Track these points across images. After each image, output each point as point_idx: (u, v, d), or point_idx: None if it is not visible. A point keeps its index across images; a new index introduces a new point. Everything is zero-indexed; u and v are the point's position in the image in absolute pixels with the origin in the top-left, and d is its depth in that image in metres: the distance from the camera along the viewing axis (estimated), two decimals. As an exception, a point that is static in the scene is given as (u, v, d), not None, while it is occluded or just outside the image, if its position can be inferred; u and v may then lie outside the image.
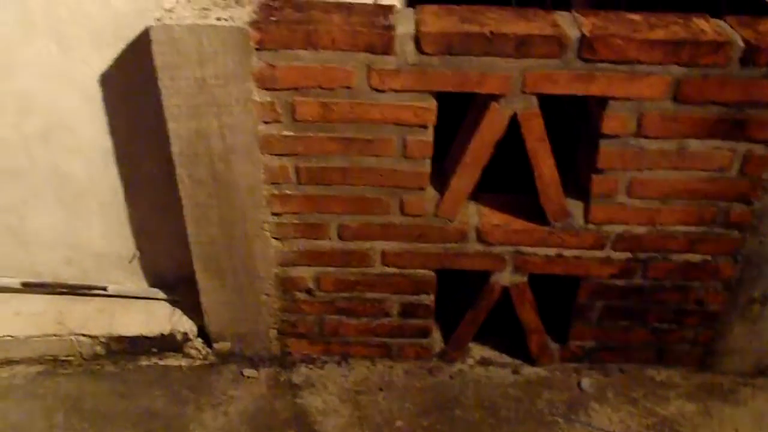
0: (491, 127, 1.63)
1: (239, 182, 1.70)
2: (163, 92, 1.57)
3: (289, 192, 1.72)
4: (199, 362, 2.01)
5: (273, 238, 1.79)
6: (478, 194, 1.81)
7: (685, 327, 1.93)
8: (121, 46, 1.66)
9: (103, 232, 1.95)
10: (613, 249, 1.79)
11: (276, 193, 1.72)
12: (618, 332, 1.95)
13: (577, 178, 1.77)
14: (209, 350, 2.01)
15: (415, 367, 2.01)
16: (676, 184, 1.68)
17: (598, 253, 1.79)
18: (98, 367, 2.00)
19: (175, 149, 1.65)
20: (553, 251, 1.80)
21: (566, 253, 1.80)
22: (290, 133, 1.63)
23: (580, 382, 1.97)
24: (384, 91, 1.57)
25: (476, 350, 2.04)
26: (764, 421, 1.88)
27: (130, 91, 1.72)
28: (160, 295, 2.03)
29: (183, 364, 2.01)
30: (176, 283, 2.04)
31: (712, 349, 1.97)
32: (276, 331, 1.97)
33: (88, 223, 1.93)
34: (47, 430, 1.83)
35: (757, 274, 1.81)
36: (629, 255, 1.79)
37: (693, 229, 1.75)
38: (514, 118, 1.62)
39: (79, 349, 2.00)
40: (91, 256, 2.00)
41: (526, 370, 2.01)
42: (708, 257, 1.79)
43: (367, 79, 1.55)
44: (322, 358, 2.01)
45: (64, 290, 2.03)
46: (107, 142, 1.80)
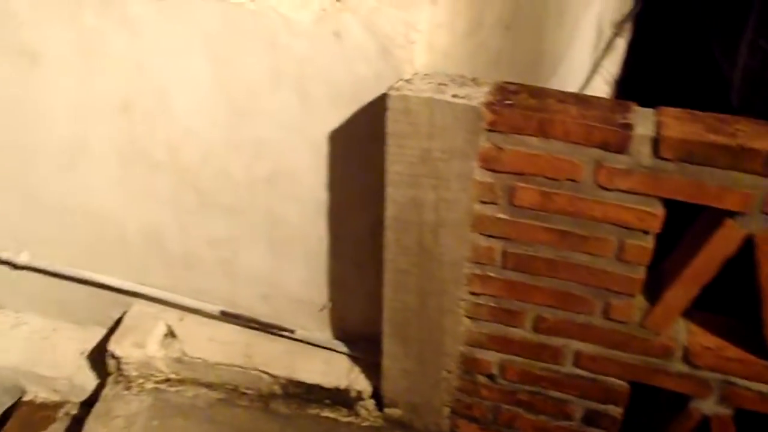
0: (721, 245, 1.51)
1: (444, 256, 1.69)
2: (389, 158, 1.61)
3: (491, 274, 1.69)
4: (367, 423, 2.00)
5: (465, 316, 1.77)
6: (690, 310, 1.68)
7: None
8: (355, 108, 1.73)
9: (302, 278, 2.03)
10: None
11: (478, 272, 1.70)
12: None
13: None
14: (379, 413, 2.00)
15: (587, 479, 1.87)
16: None
17: (825, 403, 1.59)
18: (273, 406, 2.05)
19: (389, 213, 1.68)
20: (770, 389, 1.62)
21: (786, 394, 1.61)
22: (505, 217, 1.61)
23: None
24: (610, 190, 1.51)
25: (658, 476, 1.88)
26: None
27: (354, 151, 1.79)
28: (342, 348, 2.06)
29: (352, 421, 2.01)
30: (358, 340, 2.06)
31: None
32: (449, 410, 1.93)
33: (291, 267, 2.02)
34: (218, 458, 1.91)
35: None
36: None
37: None
38: (748, 238, 1.49)
39: (259, 384, 2.07)
40: (286, 299, 2.08)
41: None
42: None
43: (595, 175, 1.50)
44: (490, 447, 1.94)
45: (256, 326, 2.12)
46: (323, 195, 1.87)
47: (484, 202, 1.61)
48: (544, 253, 1.62)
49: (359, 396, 2.00)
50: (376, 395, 2.00)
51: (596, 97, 1.60)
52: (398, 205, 1.67)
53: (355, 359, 2.06)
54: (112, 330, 2.29)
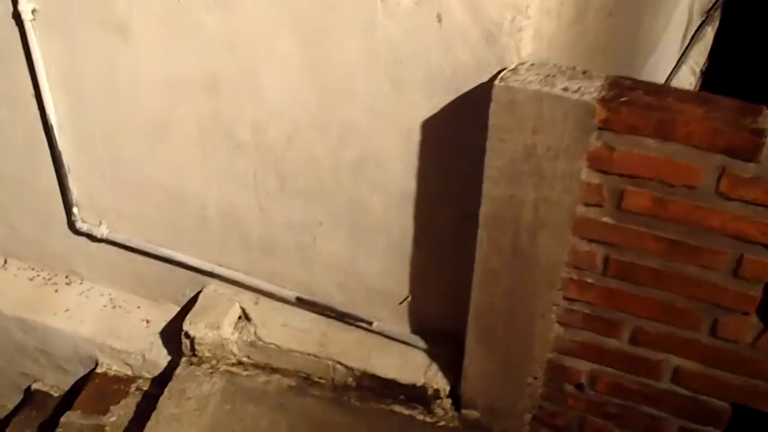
0: None
1: (540, 258, 1.59)
2: (489, 152, 1.52)
3: (589, 280, 1.59)
4: (442, 423, 1.93)
5: (557, 322, 1.67)
6: (806, 332, 1.54)
7: None
8: (451, 96, 1.63)
9: (383, 269, 1.96)
10: None
11: (575, 278, 1.60)
12: None
13: None
14: (456, 414, 1.93)
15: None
16: None
17: None
18: (345, 398, 2.00)
19: (484, 210, 1.58)
20: None
21: None
22: (610, 221, 1.50)
23: None
24: (732, 200, 1.38)
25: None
26: None
27: (446, 141, 1.70)
28: (420, 343, 1.99)
29: (427, 420, 1.95)
30: (436, 336, 1.99)
31: None
32: (531, 416, 1.84)
33: (371, 257, 1.95)
34: (290, 449, 1.87)
35: None
36: None
37: None
38: None
39: (332, 375, 2.02)
40: (365, 289, 2.02)
41: None
42: None
43: (717, 182, 1.37)
44: (572, 458, 1.85)
45: (332, 314, 2.07)
46: (410, 185, 1.79)
47: (588, 205, 1.50)
48: (650, 262, 1.51)
49: (436, 394, 1.93)
50: (454, 395, 1.92)
51: (720, 97, 1.45)
52: (495, 203, 1.57)
53: (432, 356, 1.98)
54: (185, 308, 2.27)
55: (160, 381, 2.25)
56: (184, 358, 2.11)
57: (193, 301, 2.22)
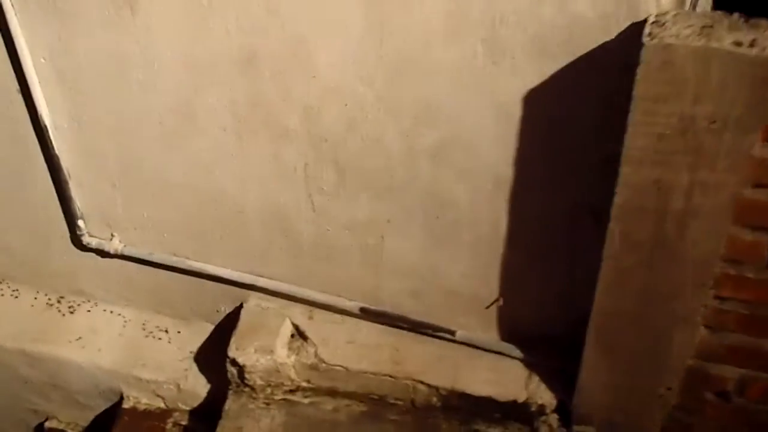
0: None
1: (688, 252, 1.30)
2: (631, 129, 1.21)
3: (749, 275, 1.31)
4: (548, 442, 1.67)
5: (703, 325, 1.39)
6: None
7: None
8: (565, 60, 1.32)
9: (467, 268, 1.65)
10: None
11: (731, 273, 1.31)
12: None
13: None
14: (564, 430, 1.66)
15: None
16: None
17: None
18: (430, 420, 1.72)
19: (619, 200, 1.28)
20: None
21: None
22: (786, 204, 1.21)
23: None
24: None
25: None
26: None
27: (557, 119, 1.39)
28: (515, 352, 1.70)
29: (529, 439, 1.68)
30: (532, 343, 1.70)
31: None
32: (659, 430, 1.58)
33: (453, 255, 1.64)
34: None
35: None
36: None
37: None
38: None
39: (412, 395, 1.72)
40: (443, 293, 1.71)
41: None
42: None
43: None
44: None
45: (405, 325, 1.76)
46: (506, 172, 1.48)
47: (759, 186, 1.21)
48: (831, 252, 1.24)
49: (541, 410, 1.65)
50: (561, 409, 1.65)
51: None
52: (633, 190, 1.27)
53: (530, 365, 1.70)
54: (221, 327, 1.95)
55: (201, 414, 1.95)
56: (231, 389, 1.80)
57: (232, 318, 1.89)
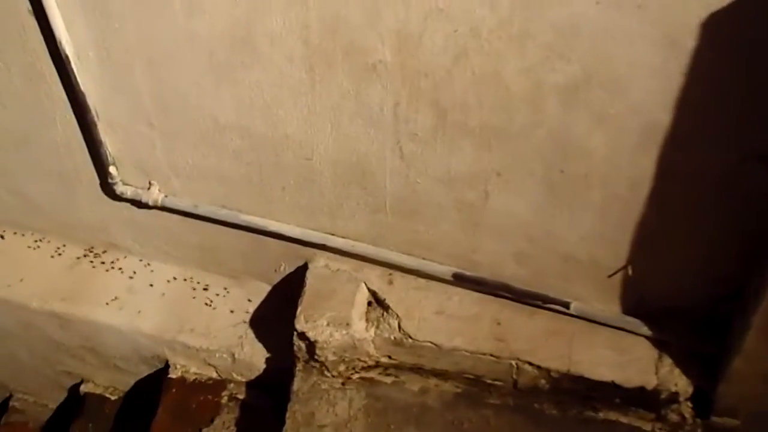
0: None
1: None
2: None
3: None
4: (680, 433, 1.42)
5: None
6: None
7: None
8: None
9: (590, 230, 1.35)
10: None
11: None
12: None
13: None
14: (699, 421, 1.40)
15: None
16: None
17: None
18: (536, 407, 1.47)
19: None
20: None
21: None
22: None
23: None
24: None
25: None
26: None
27: (745, 52, 1.05)
28: (642, 329, 1.42)
29: (655, 428, 1.42)
30: (665, 319, 1.42)
31: None
32: (823, 426, 1.33)
33: (575, 216, 1.34)
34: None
35: None
36: None
37: None
38: None
39: (515, 377, 1.47)
40: (555, 258, 1.42)
41: None
42: None
43: None
44: None
45: (507, 294, 1.48)
46: (662, 118, 1.16)
47: None
48: None
49: (673, 398, 1.39)
50: (698, 398, 1.39)
51: None
52: None
53: (660, 345, 1.42)
54: (281, 288, 1.69)
55: (260, 386, 1.71)
56: (299, 365, 1.54)
57: (293, 279, 1.62)
